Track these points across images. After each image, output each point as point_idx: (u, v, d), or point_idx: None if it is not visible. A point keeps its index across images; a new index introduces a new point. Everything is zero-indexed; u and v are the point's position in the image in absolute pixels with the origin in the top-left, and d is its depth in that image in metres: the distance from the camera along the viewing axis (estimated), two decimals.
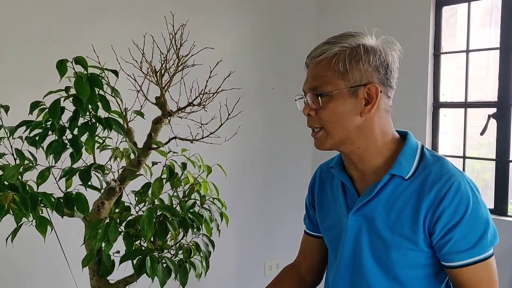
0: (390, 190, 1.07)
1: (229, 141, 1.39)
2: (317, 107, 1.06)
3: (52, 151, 0.96)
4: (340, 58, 1.04)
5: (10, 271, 1.95)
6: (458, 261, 1.01)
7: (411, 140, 1.11)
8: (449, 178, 1.02)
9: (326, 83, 1.05)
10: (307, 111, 1.08)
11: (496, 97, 2.37)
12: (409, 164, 1.06)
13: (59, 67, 0.93)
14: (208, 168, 1.21)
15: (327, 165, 1.27)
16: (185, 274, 1.11)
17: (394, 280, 1.08)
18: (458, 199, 1.00)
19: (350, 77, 1.04)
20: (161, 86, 1.16)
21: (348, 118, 1.05)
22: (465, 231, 1.00)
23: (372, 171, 1.10)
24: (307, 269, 1.33)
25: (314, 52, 1.08)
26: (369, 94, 1.04)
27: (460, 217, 1.00)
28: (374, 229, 1.08)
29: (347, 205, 1.14)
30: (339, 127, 1.06)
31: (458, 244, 1.00)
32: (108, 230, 1.00)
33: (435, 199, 1.01)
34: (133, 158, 1.18)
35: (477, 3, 2.48)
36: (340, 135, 1.06)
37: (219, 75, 1.21)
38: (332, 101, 1.04)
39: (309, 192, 1.32)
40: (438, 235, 1.01)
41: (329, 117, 1.05)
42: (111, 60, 1.24)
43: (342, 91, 1.04)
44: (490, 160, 2.46)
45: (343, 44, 1.05)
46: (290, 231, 2.99)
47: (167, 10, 1.51)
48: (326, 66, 1.05)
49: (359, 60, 1.04)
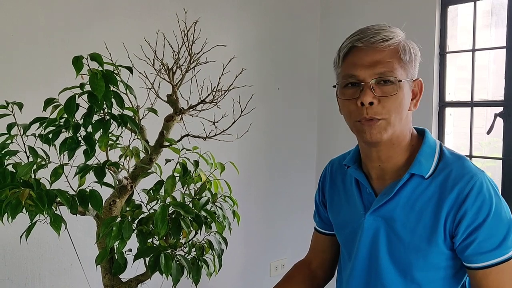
0: (410, 190, 1.04)
1: (235, 141, 1.38)
2: (394, 92, 0.98)
3: (66, 148, 0.96)
4: (406, 49, 1.00)
5: (19, 272, 1.95)
6: (481, 262, 0.98)
7: (429, 138, 1.08)
8: (471, 178, 0.99)
9: (394, 70, 0.99)
10: (371, 98, 0.97)
11: (503, 96, 2.37)
12: (429, 163, 1.04)
13: (75, 64, 0.93)
14: (221, 166, 1.21)
15: (338, 161, 1.24)
16: (198, 272, 1.10)
17: (411, 282, 1.05)
18: (481, 200, 0.97)
19: (409, 69, 1.02)
20: (173, 84, 1.16)
21: (405, 111, 1.02)
22: (489, 232, 0.97)
23: (393, 170, 1.07)
24: (319, 265, 1.31)
25: (375, 36, 0.99)
26: (416, 88, 1.05)
27: (483, 218, 0.97)
28: (393, 230, 1.05)
29: (363, 204, 1.11)
30: (399, 118, 1.01)
31: (482, 245, 0.98)
32: (122, 228, 1.00)
33: (457, 199, 0.98)
34: (145, 156, 1.18)
35: (480, 3, 2.48)
36: (397, 127, 1.01)
37: (227, 73, 1.21)
38: (400, 90, 0.99)
39: (319, 188, 1.29)
40: (461, 237, 0.99)
41: (396, 106, 0.99)
42: (122, 58, 1.23)
43: (405, 81, 1.01)
44: (497, 159, 2.45)
45: (399, 34, 1.03)
46: (296, 231, 2.98)
47: (172, 9, 1.52)
48: (392, 53, 0.99)
49: (416, 54, 1.04)
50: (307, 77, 3.02)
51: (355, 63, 1.00)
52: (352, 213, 1.14)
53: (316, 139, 3.13)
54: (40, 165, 1.04)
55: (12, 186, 0.94)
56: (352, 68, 1.00)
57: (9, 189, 0.94)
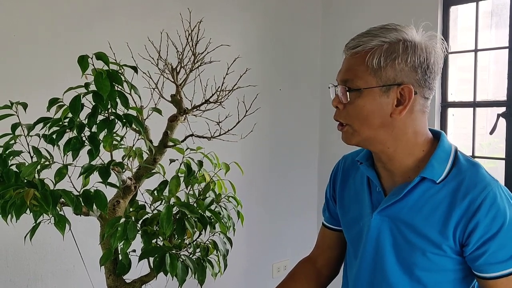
0: (419, 193, 1.03)
1: (237, 141, 1.37)
2: (346, 101, 1.01)
3: (71, 148, 0.96)
4: (375, 54, 0.97)
5: (21, 273, 1.94)
6: (493, 272, 0.97)
7: (444, 141, 1.05)
8: (484, 187, 0.97)
9: (357, 78, 0.99)
10: (336, 103, 1.04)
11: (505, 96, 2.37)
12: (442, 168, 1.02)
13: (80, 63, 0.93)
14: (226, 166, 1.20)
15: (351, 157, 1.23)
16: (203, 273, 1.10)
17: (417, 282, 1.04)
18: (495, 211, 0.95)
19: (383, 75, 0.97)
20: (177, 83, 1.16)
21: (376, 117, 0.99)
22: (502, 243, 0.95)
23: (401, 171, 1.06)
24: (324, 263, 1.30)
25: (352, 43, 1.01)
26: (402, 95, 0.98)
27: (497, 230, 0.95)
28: (399, 230, 1.05)
29: (372, 203, 1.11)
30: (366, 126, 1.00)
31: (494, 256, 0.96)
32: (127, 228, 0.99)
33: (469, 209, 0.96)
34: (149, 156, 1.17)
35: (481, 4, 2.48)
36: (367, 134, 1.01)
37: (231, 72, 1.20)
38: (361, 98, 0.99)
39: (330, 182, 1.27)
40: (472, 247, 0.97)
41: (356, 114, 1.00)
42: (125, 58, 1.23)
43: (373, 89, 0.98)
44: (499, 159, 2.45)
45: (383, 38, 0.98)
46: (298, 232, 2.98)
47: (176, 9, 1.52)
48: (360, 60, 0.99)
49: (396, 58, 0.96)
50: (309, 77, 3.02)
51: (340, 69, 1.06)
52: (360, 211, 1.14)
53: (318, 139, 3.12)
54: (44, 165, 1.04)
55: (16, 186, 0.94)
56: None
57: (13, 189, 0.93)
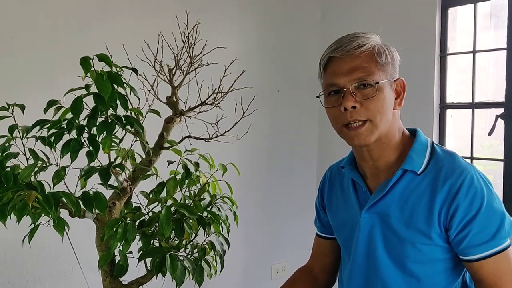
0: (403, 186, 1.08)
1: (235, 142, 1.38)
2: (373, 95, 1.03)
3: (69, 150, 0.96)
4: (381, 51, 1.05)
5: (19, 275, 1.94)
6: (477, 254, 1.01)
7: (420, 136, 1.13)
8: (461, 172, 1.02)
9: (372, 73, 1.04)
10: (352, 103, 1.03)
11: (503, 97, 2.37)
12: (421, 159, 1.08)
13: (82, 64, 0.93)
14: (223, 167, 1.21)
15: (337, 166, 1.28)
16: (201, 273, 1.10)
17: (410, 276, 1.07)
18: (473, 193, 1.00)
19: (388, 70, 1.06)
20: (173, 85, 1.16)
21: (390, 110, 1.06)
22: (483, 224, 1.00)
23: (386, 168, 1.11)
24: (320, 270, 1.33)
25: (350, 44, 1.05)
26: (398, 88, 1.09)
27: (476, 211, 1.00)
28: (388, 225, 1.08)
29: (359, 203, 1.15)
30: (385, 119, 1.05)
31: (476, 237, 1.00)
32: (127, 230, 1.00)
33: (449, 193, 1.02)
34: (144, 158, 1.17)
35: (479, 5, 2.49)
36: (384, 127, 1.06)
37: (228, 74, 1.21)
38: (380, 92, 1.04)
39: (318, 194, 1.33)
40: (455, 230, 1.02)
41: (378, 108, 1.04)
42: (121, 59, 1.23)
43: (385, 83, 1.05)
44: (498, 160, 2.45)
45: (373, 39, 1.07)
46: (297, 233, 2.98)
47: (173, 11, 1.52)
48: (368, 58, 1.05)
49: (393, 55, 1.08)
50: (308, 79, 3.02)
51: (335, 72, 1.06)
52: (349, 213, 1.17)
53: (317, 141, 3.13)
54: (41, 168, 1.04)
55: (16, 188, 0.94)
56: (332, 77, 1.06)
57: (13, 191, 0.94)
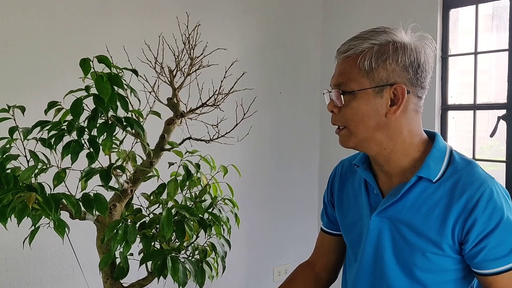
0: (417, 193, 1.04)
1: (236, 144, 1.37)
2: (340, 104, 1.03)
3: (70, 151, 0.96)
4: (366, 56, 0.99)
5: (20, 278, 1.94)
6: (492, 268, 0.98)
7: (439, 141, 1.07)
8: (480, 185, 0.98)
9: (350, 80, 1.01)
10: (331, 107, 1.06)
11: (505, 99, 2.36)
12: (438, 167, 1.03)
13: (82, 66, 0.93)
14: (224, 169, 1.21)
15: (349, 161, 1.24)
16: (202, 275, 1.10)
17: (417, 283, 1.05)
18: (492, 208, 0.96)
19: (376, 76, 1.00)
20: (174, 87, 1.16)
21: (372, 118, 1.02)
22: (500, 239, 0.97)
23: (399, 172, 1.07)
24: (323, 267, 1.30)
25: (343, 47, 1.04)
26: (395, 94, 1.01)
27: (494, 226, 0.96)
28: (399, 231, 1.05)
29: (370, 205, 1.11)
30: (362, 127, 1.02)
31: (492, 252, 0.97)
32: (128, 232, 0.99)
33: (466, 207, 0.98)
34: (145, 160, 1.17)
35: (481, 7, 2.48)
36: (363, 135, 1.03)
37: (229, 76, 1.21)
38: (355, 100, 1.01)
39: (328, 188, 1.28)
40: (471, 244, 0.98)
41: (352, 116, 1.02)
42: (122, 61, 1.23)
43: (366, 90, 1.00)
44: (500, 162, 2.44)
45: (373, 40, 1.01)
46: (299, 235, 2.97)
47: (174, 13, 1.52)
48: (352, 63, 1.01)
49: (387, 59, 0.99)
50: (309, 81, 3.02)
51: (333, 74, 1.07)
52: (359, 214, 1.14)
53: (319, 142, 3.12)
54: (42, 169, 1.04)
55: (16, 190, 0.94)
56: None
57: (13, 193, 0.93)
